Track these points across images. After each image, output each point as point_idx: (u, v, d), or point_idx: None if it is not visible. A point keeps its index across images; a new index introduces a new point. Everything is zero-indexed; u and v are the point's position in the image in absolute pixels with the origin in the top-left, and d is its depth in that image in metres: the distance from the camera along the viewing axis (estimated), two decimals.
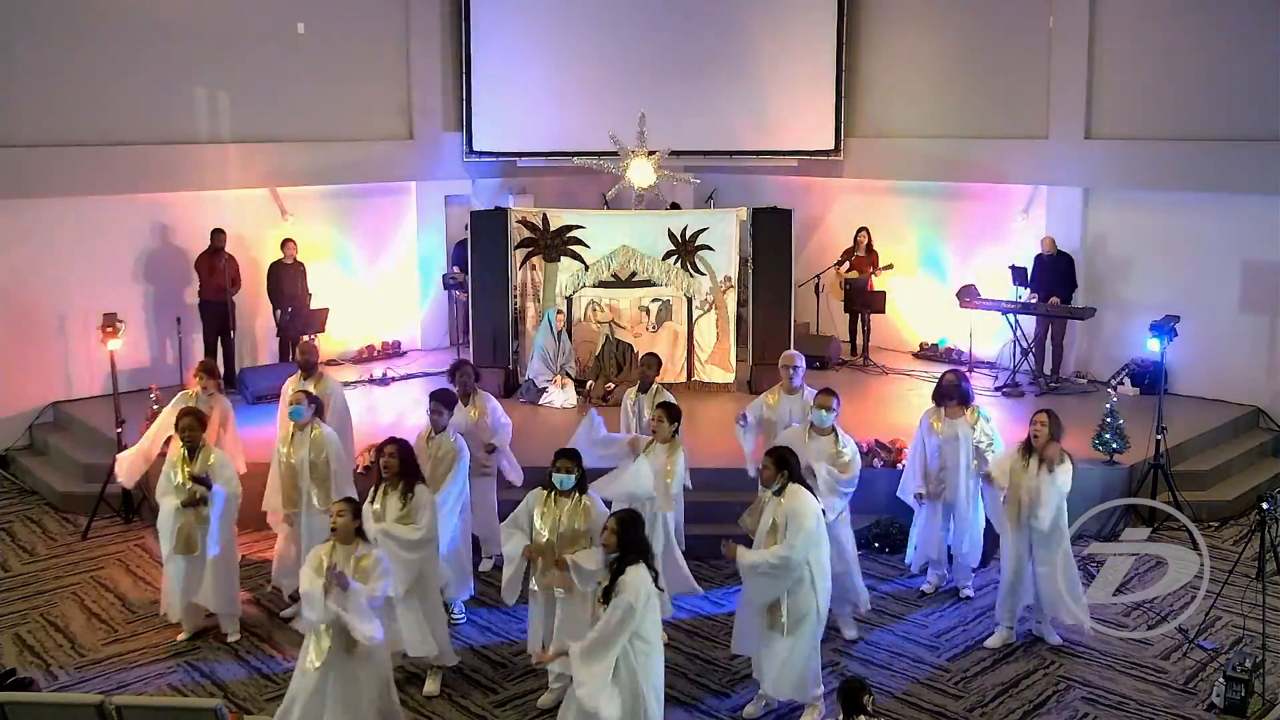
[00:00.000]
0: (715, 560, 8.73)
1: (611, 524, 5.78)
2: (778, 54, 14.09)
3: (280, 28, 12.80)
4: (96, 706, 5.32)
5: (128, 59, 11.74)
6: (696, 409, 10.90)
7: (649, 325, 11.95)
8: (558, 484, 6.55)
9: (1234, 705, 6.61)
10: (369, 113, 13.60)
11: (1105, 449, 9.59)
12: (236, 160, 12.47)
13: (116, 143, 11.67)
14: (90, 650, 7.53)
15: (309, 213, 13.28)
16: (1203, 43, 11.52)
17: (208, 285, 11.96)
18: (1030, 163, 12.69)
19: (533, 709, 6.79)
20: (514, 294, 11.92)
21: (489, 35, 14.12)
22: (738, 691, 6.99)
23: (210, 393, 8.48)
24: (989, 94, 13.06)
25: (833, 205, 14.62)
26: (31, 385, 11.45)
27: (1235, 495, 9.96)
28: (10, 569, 8.90)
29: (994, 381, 12.19)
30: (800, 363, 8.41)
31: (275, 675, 7.18)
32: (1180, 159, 11.61)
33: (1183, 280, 11.75)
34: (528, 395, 11.55)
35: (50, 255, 11.48)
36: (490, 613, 7.99)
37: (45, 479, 10.60)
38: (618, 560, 5.69)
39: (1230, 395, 11.59)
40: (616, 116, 12.42)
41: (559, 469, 6.56)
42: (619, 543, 5.71)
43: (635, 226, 12.01)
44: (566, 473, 6.55)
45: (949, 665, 7.32)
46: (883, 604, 8.11)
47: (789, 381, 8.29)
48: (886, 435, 9.65)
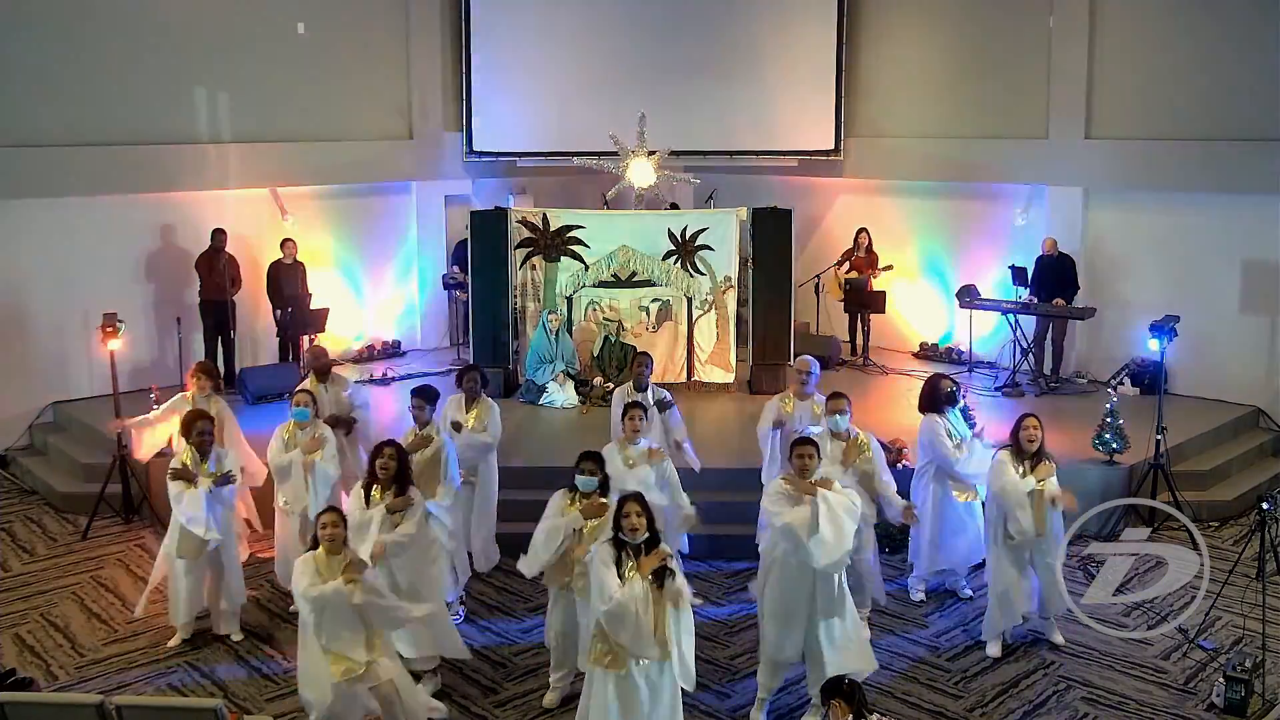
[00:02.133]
0: (715, 560, 8.75)
1: (635, 508, 5.64)
2: (778, 54, 14.10)
3: (280, 28, 12.81)
4: (96, 706, 5.32)
5: (128, 59, 11.75)
6: (696, 409, 10.91)
7: (649, 325, 11.95)
8: (581, 486, 6.52)
9: (1234, 705, 6.61)
10: (369, 113, 13.61)
11: (1105, 449, 9.59)
12: (237, 160, 12.48)
13: (116, 143, 11.67)
14: (90, 650, 7.53)
15: (309, 212, 13.28)
16: (1203, 43, 11.52)
17: (208, 285, 11.96)
18: (1030, 163, 12.70)
19: (533, 709, 6.79)
20: (514, 294, 11.92)
21: (489, 35, 14.13)
22: (738, 691, 7.00)
23: (208, 394, 8.52)
24: (989, 94, 13.06)
25: (833, 205, 14.63)
26: (31, 385, 11.45)
27: (1235, 495, 9.95)
28: (10, 569, 8.90)
29: (994, 381, 12.20)
30: (815, 369, 8.38)
31: (275, 675, 7.19)
32: (1180, 159, 11.61)
33: (1183, 280, 11.75)
34: (528, 395, 11.55)
35: (50, 255, 11.48)
36: (490, 613, 7.99)
37: (45, 479, 10.60)
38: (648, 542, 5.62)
39: (1230, 395, 11.59)
40: (616, 116, 12.42)
41: (583, 470, 6.53)
42: (649, 523, 5.65)
43: (635, 226, 12.01)
44: (590, 474, 6.52)
45: (949, 665, 7.32)
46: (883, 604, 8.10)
47: (801, 387, 8.27)
48: (887, 435, 9.62)
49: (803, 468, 6.43)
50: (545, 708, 6.77)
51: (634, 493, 5.92)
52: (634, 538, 5.61)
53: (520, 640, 7.57)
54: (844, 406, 7.52)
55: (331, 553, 5.98)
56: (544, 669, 6.99)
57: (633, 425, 7.43)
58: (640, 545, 5.62)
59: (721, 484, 8.88)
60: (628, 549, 5.63)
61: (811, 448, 6.50)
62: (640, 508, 5.66)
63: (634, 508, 5.65)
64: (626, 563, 5.60)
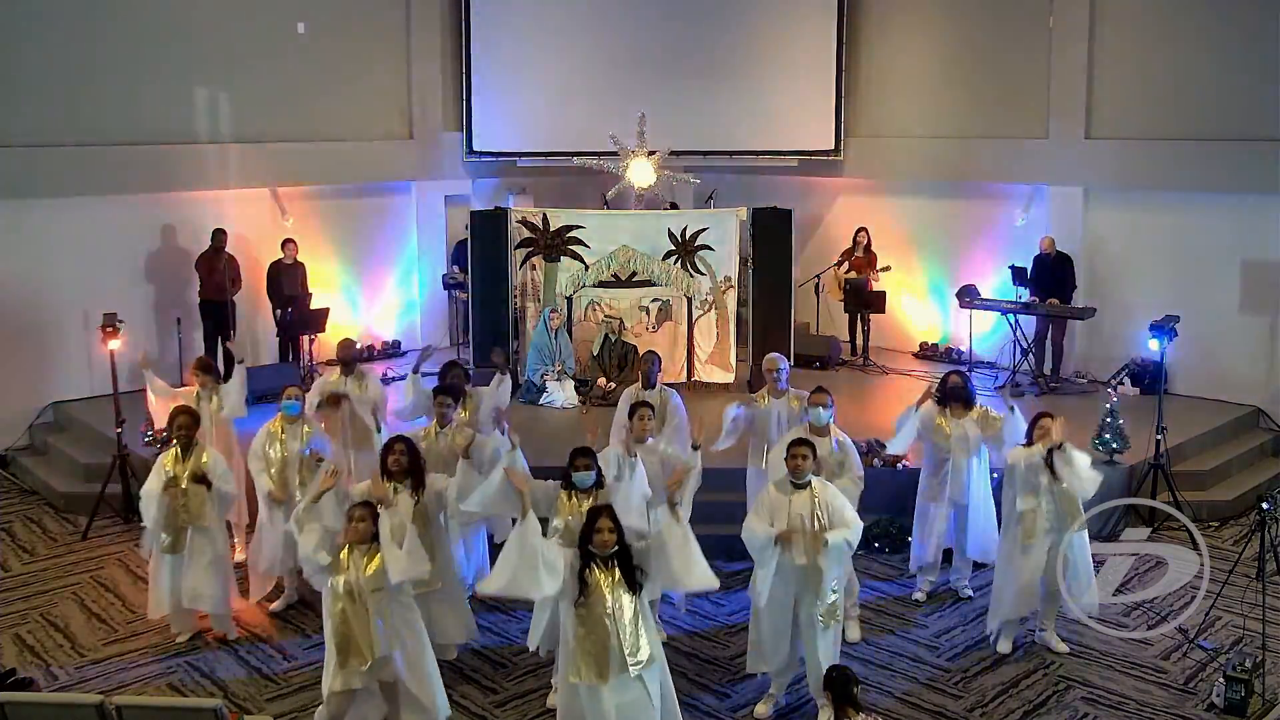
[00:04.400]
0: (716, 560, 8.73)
1: (607, 523, 5.63)
2: (778, 54, 14.10)
3: (280, 28, 12.81)
4: (96, 706, 5.32)
5: (128, 59, 11.75)
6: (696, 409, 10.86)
7: (649, 325, 11.95)
8: (577, 482, 6.52)
9: (1234, 705, 6.61)
10: (369, 113, 13.61)
11: (1105, 449, 9.59)
12: (237, 160, 12.48)
13: (117, 143, 11.67)
14: (90, 650, 7.52)
15: (309, 213, 13.28)
16: (1203, 43, 11.52)
17: (208, 285, 11.96)
18: (1030, 163, 12.69)
19: (533, 709, 6.79)
20: (514, 294, 11.92)
21: (489, 35, 14.13)
22: (738, 691, 7.00)
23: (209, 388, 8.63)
24: (989, 94, 13.06)
25: (833, 205, 14.62)
26: (31, 385, 11.45)
27: (1235, 495, 9.96)
28: (10, 569, 8.90)
29: (994, 381, 12.19)
30: (784, 365, 8.40)
31: (275, 675, 7.19)
32: (1180, 159, 11.61)
33: (1183, 280, 11.75)
34: (528, 395, 11.55)
35: (50, 255, 11.48)
36: (490, 612, 7.99)
37: (45, 479, 10.60)
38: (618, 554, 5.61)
39: (1230, 395, 11.59)
40: (616, 116, 12.43)
41: (577, 467, 6.53)
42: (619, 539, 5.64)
43: (635, 226, 12.01)
44: (586, 470, 6.52)
45: (949, 665, 7.31)
46: (883, 604, 8.11)
47: (774, 384, 8.30)
48: (886, 435, 9.62)
49: (796, 468, 6.44)
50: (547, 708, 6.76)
51: (605, 505, 5.87)
52: (603, 551, 5.60)
53: (520, 640, 7.55)
54: (826, 400, 7.47)
55: (356, 544, 5.98)
56: (544, 669, 6.99)
57: (641, 425, 7.39)
58: (610, 558, 5.60)
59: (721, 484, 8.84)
60: (596, 559, 5.60)
61: (806, 448, 6.49)
62: (612, 522, 5.63)
63: (606, 523, 5.62)
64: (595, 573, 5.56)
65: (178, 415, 7.61)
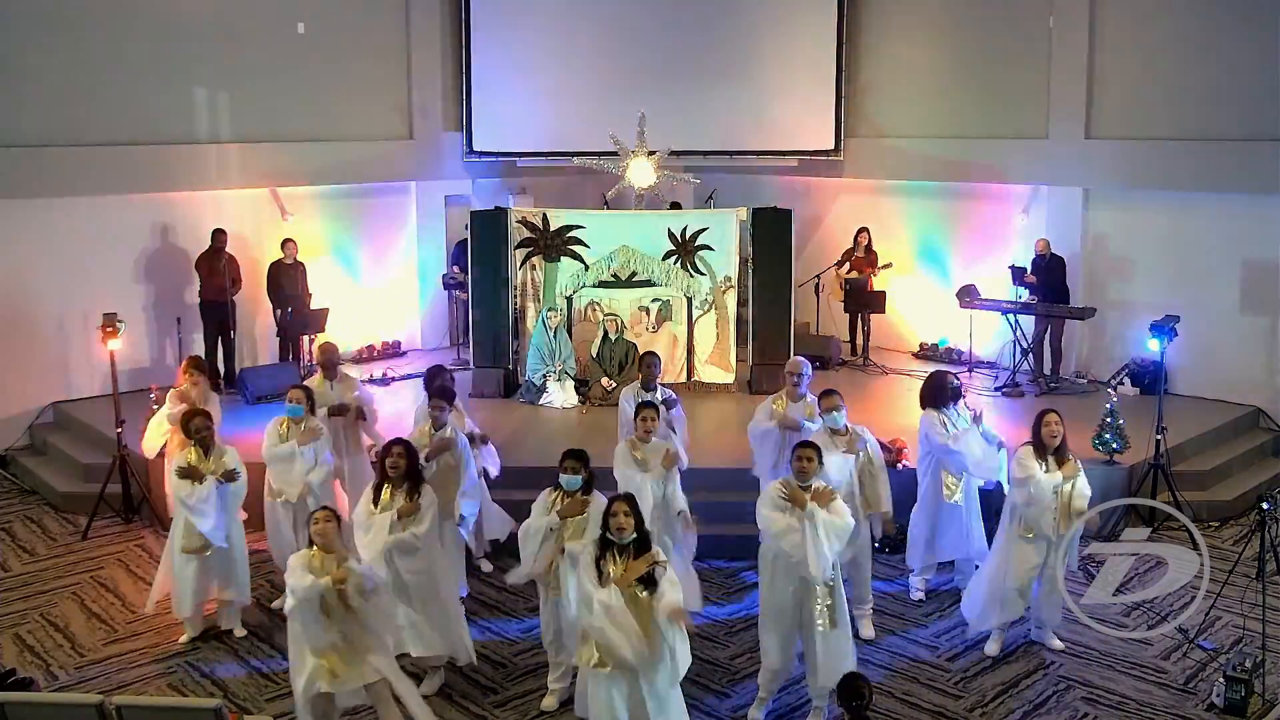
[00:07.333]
0: (716, 560, 8.75)
1: (623, 508, 5.67)
2: (778, 54, 14.10)
3: (280, 28, 12.80)
4: (96, 706, 5.32)
5: (128, 59, 11.75)
6: (696, 409, 10.90)
7: (649, 325, 11.95)
8: (564, 485, 6.55)
9: (1234, 705, 6.61)
10: (369, 113, 13.60)
11: (1105, 449, 9.59)
12: (236, 160, 12.47)
13: (116, 143, 11.67)
14: (90, 650, 7.53)
15: (309, 213, 13.28)
16: (1203, 43, 11.52)
17: (208, 285, 11.96)
18: (1030, 163, 12.69)
19: (533, 709, 6.79)
20: (514, 294, 11.91)
21: (489, 35, 14.12)
22: (738, 692, 7.00)
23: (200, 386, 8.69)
24: (989, 94, 13.06)
25: (833, 205, 14.63)
26: (31, 385, 11.45)
27: (1235, 495, 9.95)
28: (10, 569, 8.90)
29: (994, 381, 12.20)
30: (806, 370, 8.36)
31: (275, 675, 7.18)
32: (1180, 159, 11.61)
33: (1183, 280, 11.75)
34: (527, 395, 11.55)
35: (50, 255, 11.48)
36: (490, 613, 7.99)
37: (45, 479, 10.59)
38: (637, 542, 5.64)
39: (1230, 395, 11.59)
40: (616, 117, 12.42)
41: (565, 469, 6.56)
42: (637, 524, 5.67)
43: (635, 226, 12.01)
44: (573, 473, 6.55)
45: (949, 665, 7.32)
46: (882, 604, 8.09)
47: (794, 389, 8.27)
48: (886, 435, 9.62)
49: (801, 470, 6.43)
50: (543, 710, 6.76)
51: (625, 493, 5.94)
52: (621, 537, 5.64)
53: (520, 640, 7.57)
54: (838, 403, 7.53)
55: (325, 550, 5.98)
56: (544, 669, 6.98)
57: (645, 426, 7.44)
58: (628, 546, 5.63)
59: (721, 484, 8.87)
60: (614, 549, 5.64)
61: (812, 451, 6.50)
62: (629, 507, 5.69)
63: (622, 507, 5.68)
64: (611, 563, 5.61)
65: (193, 418, 7.65)
